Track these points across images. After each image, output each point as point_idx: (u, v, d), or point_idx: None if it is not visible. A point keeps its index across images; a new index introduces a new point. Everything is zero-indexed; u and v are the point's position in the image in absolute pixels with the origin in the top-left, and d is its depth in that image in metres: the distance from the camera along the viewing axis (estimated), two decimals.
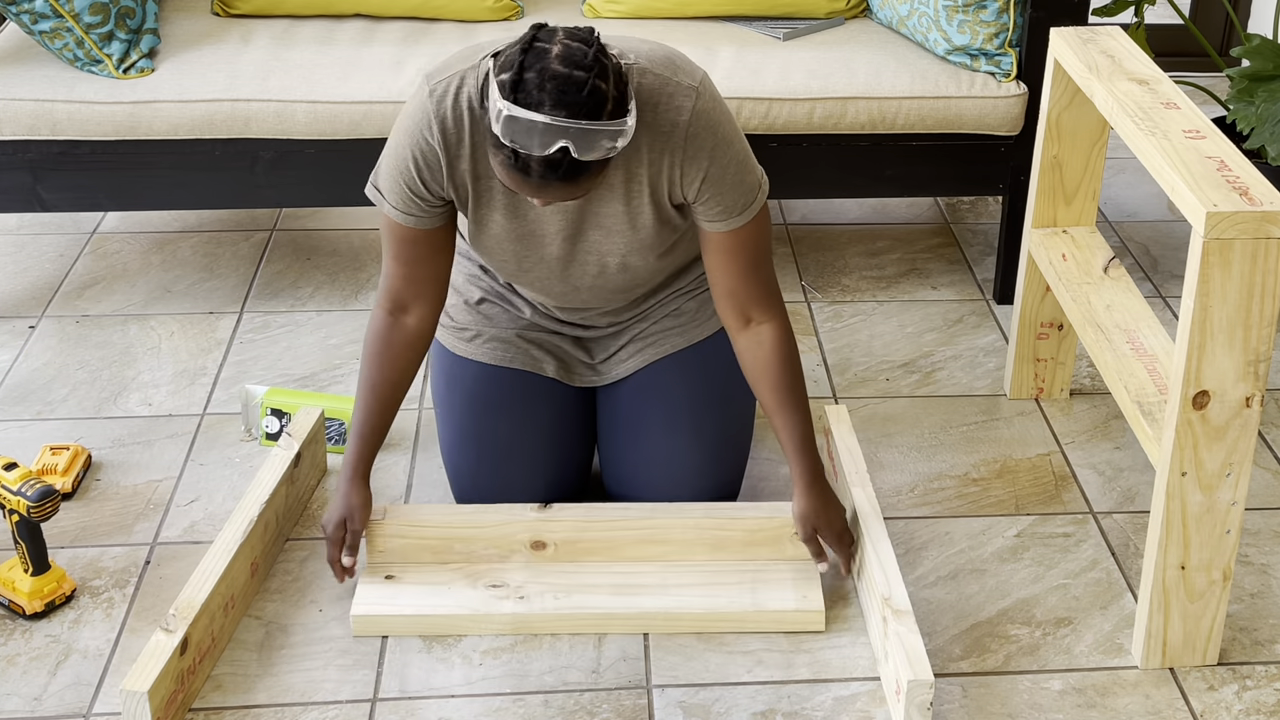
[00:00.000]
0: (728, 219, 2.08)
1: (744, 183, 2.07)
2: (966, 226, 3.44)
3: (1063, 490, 2.52)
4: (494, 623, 2.16)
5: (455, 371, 2.34)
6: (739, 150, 2.06)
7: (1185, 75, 4.20)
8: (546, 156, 1.80)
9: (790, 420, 2.17)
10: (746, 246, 2.11)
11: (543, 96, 1.78)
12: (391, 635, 2.16)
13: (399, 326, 2.17)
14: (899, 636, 2.00)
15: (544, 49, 1.81)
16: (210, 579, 2.09)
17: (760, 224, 2.11)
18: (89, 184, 2.84)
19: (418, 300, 2.16)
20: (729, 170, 2.04)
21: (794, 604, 2.18)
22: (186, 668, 2.02)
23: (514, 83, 1.79)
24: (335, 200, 2.89)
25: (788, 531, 2.24)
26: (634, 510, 2.25)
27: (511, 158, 1.83)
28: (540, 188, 1.86)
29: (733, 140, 2.05)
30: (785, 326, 2.17)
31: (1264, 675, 2.14)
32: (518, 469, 2.29)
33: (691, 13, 3.04)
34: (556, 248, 2.15)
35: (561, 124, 1.78)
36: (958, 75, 2.86)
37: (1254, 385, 1.95)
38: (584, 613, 2.16)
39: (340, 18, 3.02)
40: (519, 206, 2.10)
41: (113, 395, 2.75)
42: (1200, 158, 1.98)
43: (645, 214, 2.10)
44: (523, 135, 1.79)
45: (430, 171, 2.04)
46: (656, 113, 1.99)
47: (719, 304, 2.16)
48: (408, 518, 2.23)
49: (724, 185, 2.05)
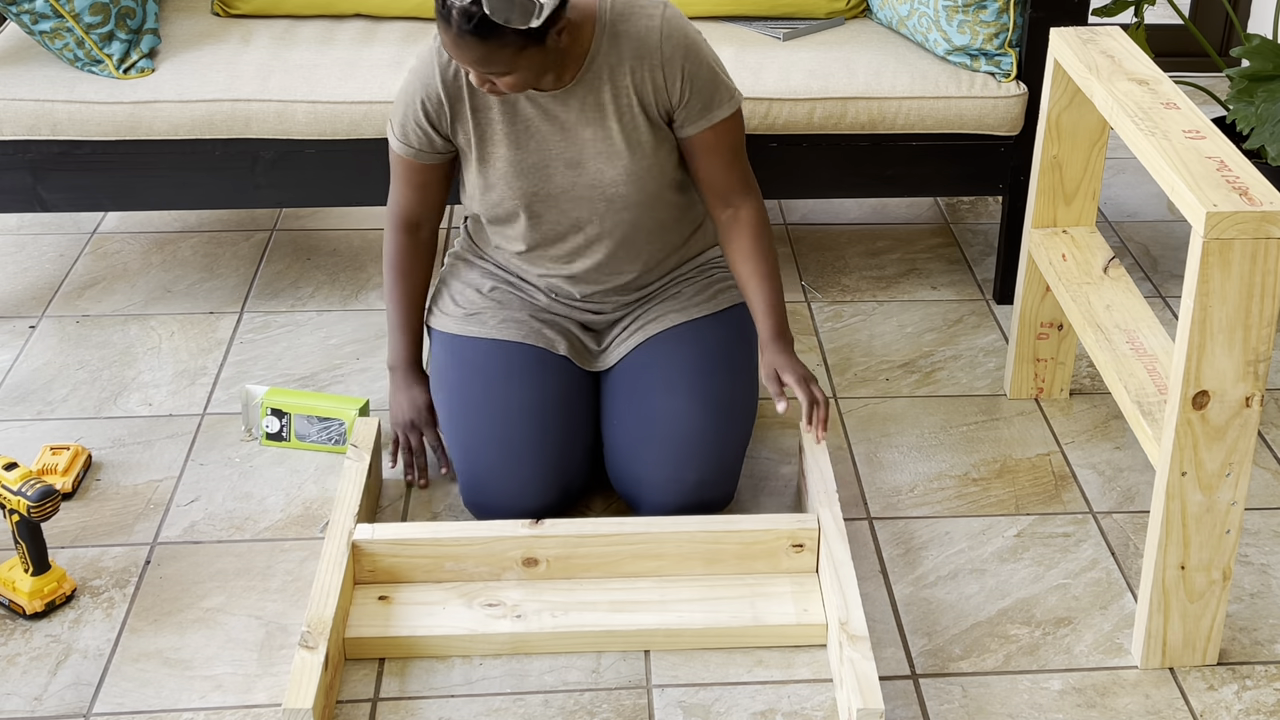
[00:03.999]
0: (707, 114, 2.28)
1: (718, 78, 2.28)
2: (966, 226, 3.44)
3: (1063, 490, 2.52)
4: (491, 643, 2.14)
5: (464, 351, 2.39)
6: (709, 52, 2.29)
7: (1185, 75, 4.20)
8: (464, 6, 2.00)
9: (762, 286, 2.34)
10: (725, 140, 2.31)
11: None
12: (389, 658, 2.14)
13: (415, 239, 2.44)
14: (852, 663, 1.98)
15: None
16: (331, 595, 2.10)
17: (738, 122, 2.32)
18: (89, 184, 2.84)
19: (427, 218, 2.42)
20: (703, 66, 2.26)
21: (795, 618, 2.16)
22: (328, 683, 2.02)
23: None
24: (335, 200, 2.89)
25: (783, 544, 2.23)
26: (628, 525, 2.23)
27: (440, 4, 2.03)
28: (457, 42, 2.04)
29: (702, 45, 2.27)
30: (760, 210, 2.38)
31: (1264, 675, 2.14)
32: (529, 446, 2.29)
33: (691, 13, 3.04)
34: (560, 177, 2.29)
35: None
36: (958, 75, 2.86)
37: (1254, 385, 1.95)
38: (582, 631, 2.14)
39: (340, 18, 3.02)
40: (519, 136, 2.28)
41: (113, 395, 2.75)
42: (1200, 158, 1.98)
43: (641, 129, 2.28)
44: None
45: (435, 113, 2.27)
46: (631, 23, 2.23)
47: (704, 196, 2.38)
48: (397, 536, 2.21)
49: (700, 79, 2.25)
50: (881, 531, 2.42)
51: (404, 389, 2.48)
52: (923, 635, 2.20)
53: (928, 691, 2.10)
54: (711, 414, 2.31)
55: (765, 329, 2.34)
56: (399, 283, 2.45)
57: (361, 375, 2.81)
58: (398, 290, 2.45)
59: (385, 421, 2.66)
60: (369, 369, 2.83)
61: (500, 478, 2.28)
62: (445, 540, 2.21)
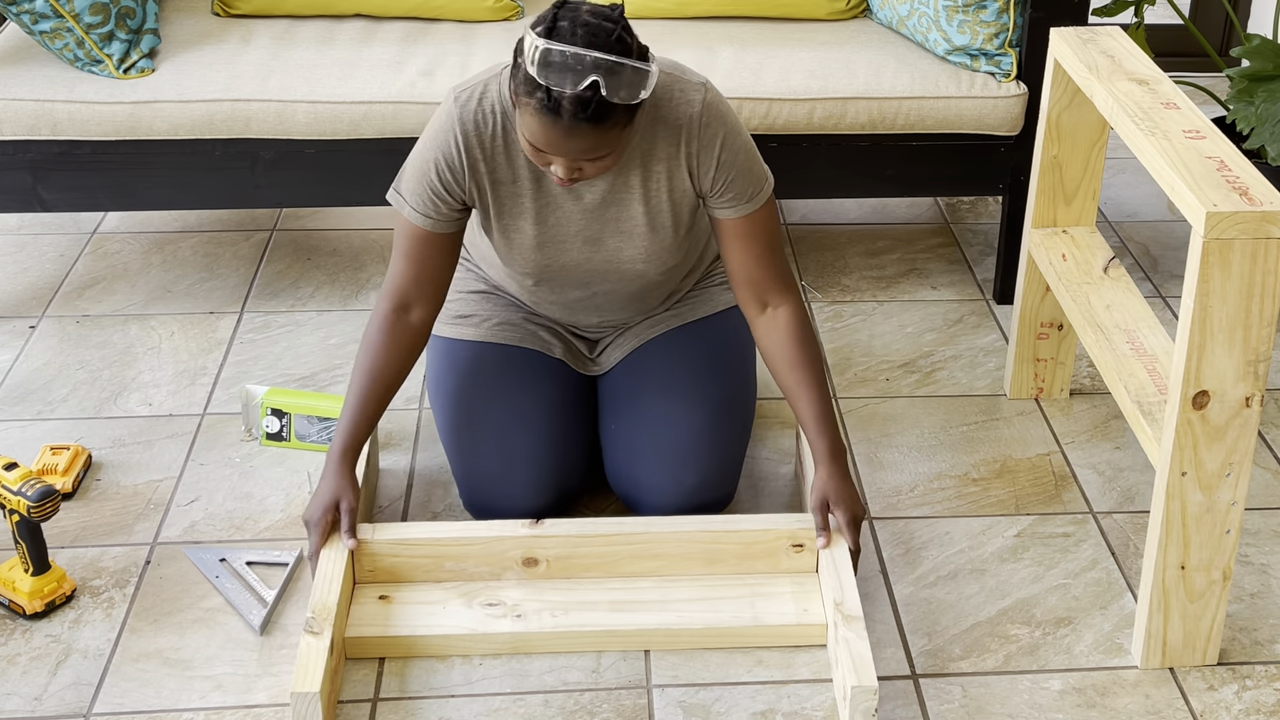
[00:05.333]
0: (740, 205, 2.18)
1: (754, 170, 2.19)
2: (966, 226, 3.44)
3: (1063, 490, 2.52)
4: (492, 642, 2.14)
5: (459, 354, 2.37)
6: (747, 140, 2.18)
7: (1185, 75, 4.20)
8: (578, 94, 1.89)
9: (809, 396, 2.23)
10: (760, 232, 2.21)
11: (575, 38, 1.91)
12: (389, 658, 2.14)
13: (402, 321, 2.23)
14: (847, 642, 2.00)
15: (576, 6, 1.96)
16: (334, 584, 2.10)
17: (771, 211, 2.22)
18: (89, 184, 2.84)
19: (421, 299, 2.23)
20: (740, 156, 2.16)
21: (795, 618, 2.16)
22: (333, 667, 2.03)
23: (549, 29, 1.92)
24: (335, 200, 2.89)
25: (783, 544, 2.23)
26: (627, 525, 2.23)
27: (545, 98, 1.91)
28: (569, 132, 1.93)
29: (740, 130, 2.17)
30: (800, 309, 2.26)
31: (1264, 675, 2.14)
32: (527, 450, 2.29)
33: (691, 13, 3.04)
34: (576, 252, 2.23)
35: (594, 56, 1.90)
36: (958, 75, 2.86)
37: (1254, 385, 1.95)
38: (583, 630, 2.14)
39: (340, 18, 3.02)
40: (543, 211, 2.18)
41: (113, 395, 2.75)
42: (1200, 158, 1.98)
43: (664, 213, 2.20)
44: (557, 71, 1.90)
45: (453, 174, 2.14)
46: (670, 107, 2.12)
47: (738, 292, 2.26)
48: (397, 535, 2.21)
49: (736, 170, 2.16)
50: (881, 531, 2.42)
51: (330, 478, 2.20)
52: (923, 635, 2.20)
53: (928, 691, 2.10)
54: (710, 416, 2.31)
55: (819, 447, 2.21)
56: (366, 362, 2.21)
57: None
58: (362, 369, 2.21)
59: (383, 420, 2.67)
60: None
61: (498, 482, 2.28)
62: (445, 540, 2.21)
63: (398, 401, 2.72)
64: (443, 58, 2.85)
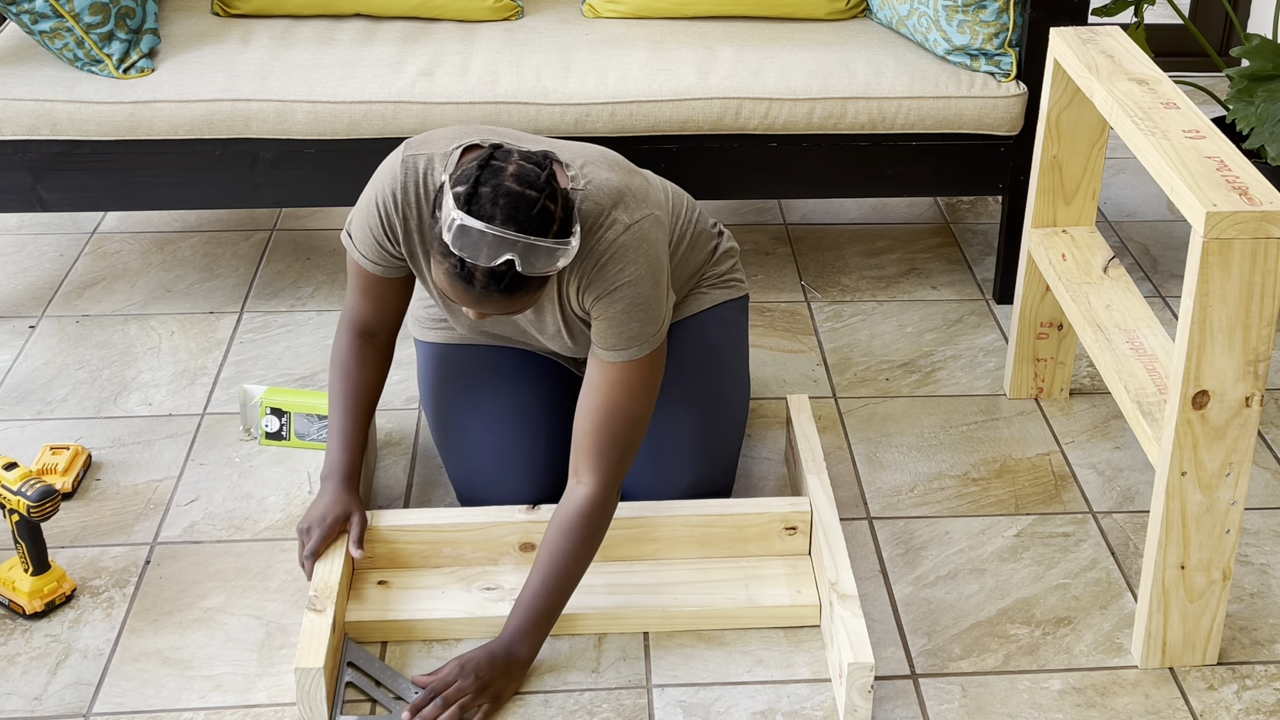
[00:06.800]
0: (601, 349, 2.06)
1: (629, 327, 2.04)
2: (966, 226, 3.44)
3: (1062, 490, 2.52)
4: (490, 626, 2.16)
5: (445, 357, 2.37)
6: (643, 293, 2.03)
7: (1185, 75, 4.20)
8: (492, 268, 1.86)
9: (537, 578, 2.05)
10: (608, 390, 2.06)
11: (495, 210, 1.85)
12: (390, 641, 2.16)
13: (368, 344, 2.26)
14: (843, 620, 2.02)
15: (500, 167, 1.88)
16: (336, 562, 2.14)
17: (635, 379, 2.06)
18: (89, 184, 2.84)
19: (382, 326, 2.26)
20: (619, 304, 2.02)
21: (789, 599, 2.18)
22: (336, 644, 2.06)
23: (469, 195, 1.86)
24: (335, 200, 2.89)
25: (776, 526, 2.25)
26: (622, 509, 2.25)
27: (458, 266, 1.87)
28: (481, 299, 1.90)
29: (639, 281, 2.03)
30: (599, 500, 2.06)
31: (1264, 675, 2.14)
32: (518, 449, 2.29)
33: (691, 13, 3.04)
34: (509, 327, 2.25)
35: (511, 237, 1.85)
36: (958, 75, 2.86)
37: (1254, 385, 1.95)
38: (580, 613, 2.16)
39: (340, 18, 3.02)
40: None
41: (113, 395, 2.75)
42: (1200, 158, 1.98)
43: (577, 323, 2.16)
44: (471, 246, 1.85)
45: (389, 234, 2.12)
46: (593, 232, 2.02)
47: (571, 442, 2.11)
48: (395, 522, 2.23)
49: (610, 316, 2.03)
50: (881, 531, 2.42)
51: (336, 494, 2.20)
52: (923, 635, 2.20)
53: (927, 691, 2.10)
54: (702, 416, 2.31)
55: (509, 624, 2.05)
56: (345, 384, 2.24)
57: None
58: (344, 393, 2.24)
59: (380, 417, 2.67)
60: None
61: (491, 480, 2.29)
62: (443, 526, 2.23)
63: (398, 402, 2.72)
64: (443, 58, 2.85)
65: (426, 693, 2.00)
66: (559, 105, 2.78)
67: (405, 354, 2.87)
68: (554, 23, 3.03)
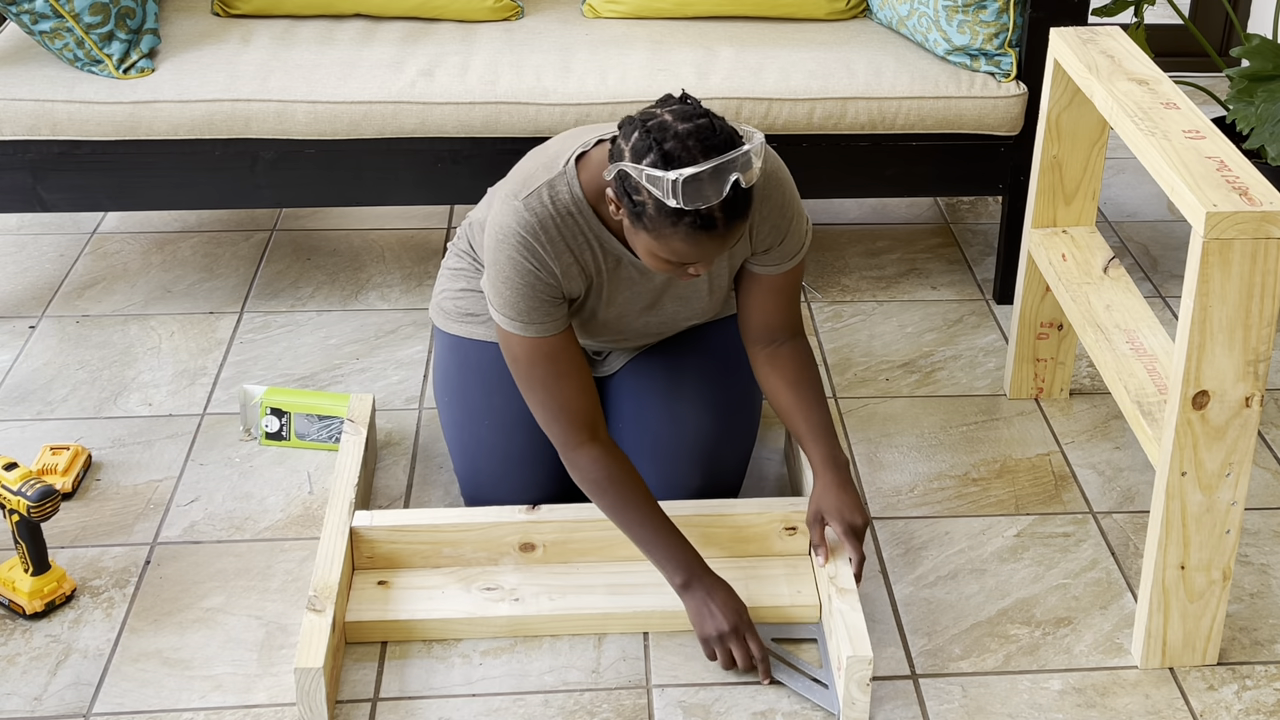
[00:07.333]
0: (783, 262, 2.19)
1: (800, 230, 2.19)
2: (966, 226, 3.44)
3: (1062, 490, 2.52)
4: (490, 626, 2.16)
5: (466, 351, 2.37)
6: (799, 204, 2.18)
7: (1185, 75, 4.20)
8: (725, 199, 1.88)
9: (808, 411, 2.20)
10: (791, 286, 2.22)
11: (695, 152, 1.87)
12: (390, 641, 2.16)
13: (606, 444, 2.12)
14: (841, 614, 2.03)
15: (659, 123, 1.90)
16: (336, 561, 2.14)
17: (804, 264, 2.24)
18: (89, 184, 2.84)
19: (596, 411, 2.13)
20: (792, 221, 2.16)
21: (788, 599, 2.18)
22: (335, 644, 2.06)
23: (664, 156, 1.87)
24: (335, 200, 2.89)
25: (776, 527, 2.25)
26: None
27: (695, 219, 1.88)
28: (725, 235, 1.91)
29: (793, 191, 2.17)
30: (805, 344, 2.26)
31: (1264, 675, 2.14)
32: (527, 452, 2.29)
33: (691, 13, 3.04)
34: (633, 319, 2.25)
35: (723, 161, 1.87)
36: (958, 75, 2.86)
37: (1254, 385, 1.95)
38: (580, 613, 2.16)
39: (340, 18, 3.02)
40: (614, 294, 2.18)
41: (113, 395, 2.75)
42: (1200, 158, 1.98)
43: (723, 274, 2.22)
44: (699, 191, 1.86)
45: (548, 273, 2.07)
46: None
47: (749, 331, 2.24)
48: (395, 522, 2.23)
49: (788, 231, 2.16)
50: (881, 531, 2.42)
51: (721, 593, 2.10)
52: (923, 635, 2.20)
53: (927, 691, 2.10)
54: (715, 419, 2.31)
55: (815, 456, 2.17)
56: (629, 504, 2.09)
57: (361, 375, 2.81)
58: (633, 512, 2.09)
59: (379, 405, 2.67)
60: (369, 369, 2.83)
61: (499, 480, 2.29)
62: (443, 526, 2.23)
63: (398, 402, 2.72)
64: (442, 58, 2.85)
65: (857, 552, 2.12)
66: (559, 105, 2.78)
67: (405, 354, 2.87)
68: (554, 23, 3.03)
